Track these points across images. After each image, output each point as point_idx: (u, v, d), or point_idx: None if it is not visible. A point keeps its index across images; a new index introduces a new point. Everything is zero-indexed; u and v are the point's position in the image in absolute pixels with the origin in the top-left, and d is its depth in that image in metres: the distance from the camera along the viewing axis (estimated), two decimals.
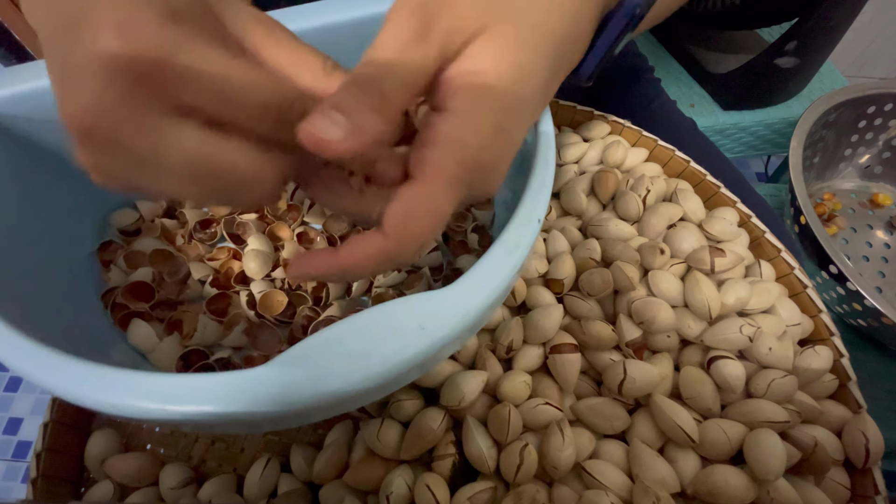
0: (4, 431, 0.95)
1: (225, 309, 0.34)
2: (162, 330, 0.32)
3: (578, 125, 0.44)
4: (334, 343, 0.18)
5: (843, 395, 0.31)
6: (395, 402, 0.29)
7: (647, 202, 0.37)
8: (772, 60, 0.63)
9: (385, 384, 0.19)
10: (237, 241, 0.36)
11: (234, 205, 0.32)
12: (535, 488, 0.26)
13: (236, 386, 0.17)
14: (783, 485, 0.26)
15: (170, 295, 0.33)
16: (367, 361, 0.18)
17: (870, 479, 0.28)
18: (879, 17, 1.04)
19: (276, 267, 0.35)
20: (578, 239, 0.37)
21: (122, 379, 0.17)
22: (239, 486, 0.29)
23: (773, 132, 0.74)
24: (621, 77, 0.55)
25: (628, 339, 0.31)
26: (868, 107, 0.63)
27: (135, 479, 0.29)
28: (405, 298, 0.19)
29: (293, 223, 0.37)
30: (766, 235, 0.36)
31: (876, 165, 0.68)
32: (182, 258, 0.35)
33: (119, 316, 0.31)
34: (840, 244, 0.65)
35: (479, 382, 0.29)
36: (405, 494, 0.26)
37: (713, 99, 0.72)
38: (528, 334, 0.31)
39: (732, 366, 0.30)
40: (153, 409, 0.17)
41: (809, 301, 0.34)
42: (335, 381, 0.17)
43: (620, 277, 0.32)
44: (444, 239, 0.37)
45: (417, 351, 0.18)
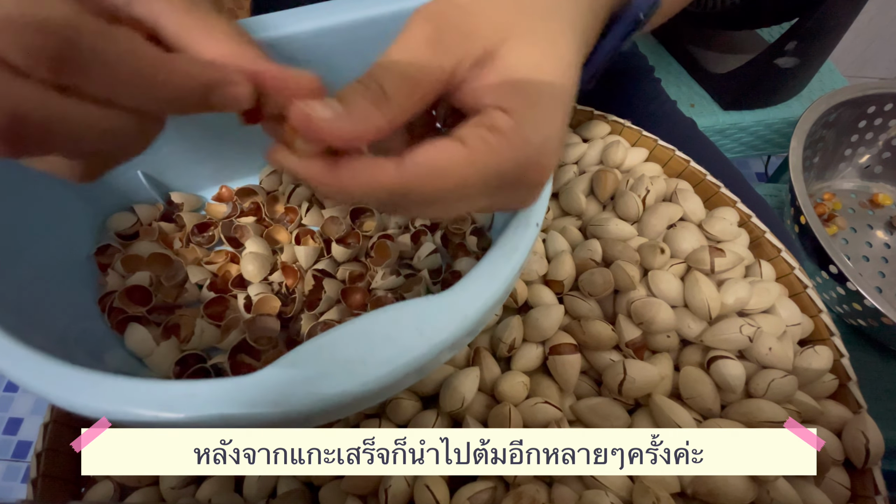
0: (4, 431, 0.95)
1: (222, 312, 0.34)
2: (159, 334, 0.32)
3: (578, 125, 0.44)
4: (331, 348, 0.18)
5: (843, 395, 0.31)
6: (393, 401, 0.29)
7: (647, 202, 0.37)
8: (772, 60, 0.63)
9: (383, 389, 0.18)
10: (235, 245, 0.36)
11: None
12: (535, 488, 0.26)
13: (232, 393, 0.17)
14: (783, 485, 0.26)
15: (167, 299, 0.33)
16: (365, 367, 0.18)
17: (870, 479, 0.28)
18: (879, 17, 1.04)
19: (275, 270, 0.35)
20: (578, 239, 0.37)
21: (117, 386, 0.17)
22: (238, 486, 0.29)
23: (773, 132, 0.74)
24: (621, 77, 0.55)
25: (628, 339, 0.31)
26: (868, 107, 0.63)
27: (135, 479, 0.29)
28: (403, 303, 0.19)
29: (291, 226, 0.37)
30: (766, 235, 0.36)
31: (876, 165, 0.68)
32: (180, 262, 0.35)
33: (116, 320, 0.31)
34: (840, 244, 0.65)
35: (475, 379, 0.29)
36: (404, 492, 0.26)
37: (713, 99, 0.72)
38: (528, 333, 0.31)
39: (732, 366, 0.29)
40: (148, 417, 0.17)
41: (809, 301, 0.34)
42: (332, 387, 0.17)
43: (621, 277, 0.32)
44: (442, 241, 0.37)
45: (415, 356, 0.18)
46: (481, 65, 0.19)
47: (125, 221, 0.35)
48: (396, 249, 0.35)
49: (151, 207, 0.36)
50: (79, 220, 0.33)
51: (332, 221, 0.37)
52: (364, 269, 0.36)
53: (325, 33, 0.28)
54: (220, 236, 0.36)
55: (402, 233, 0.37)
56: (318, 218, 0.38)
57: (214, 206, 0.39)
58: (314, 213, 0.38)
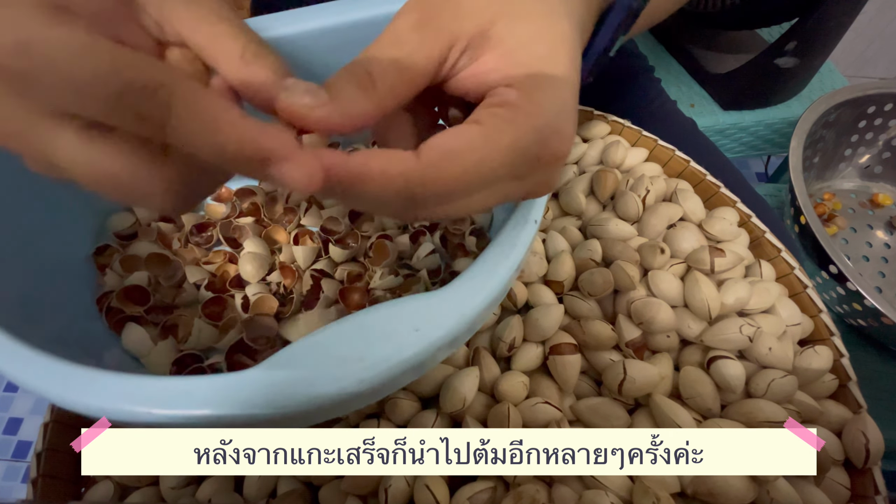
0: (4, 431, 0.95)
1: (220, 312, 0.34)
2: (157, 334, 0.32)
3: (578, 125, 0.44)
4: (326, 345, 0.18)
5: (843, 395, 0.31)
6: (393, 401, 0.29)
7: (647, 202, 0.37)
8: (772, 60, 0.63)
9: (380, 387, 0.18)
10: (233, 245, 0.36)
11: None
12: (535, 488, 0.26)
13: (227, 389, 0.17)
14: (783, 485, 0.26)
15: (165, 299, 0.33)
16: (361, 364, 0.18)
17: (870, 479, 0.28)
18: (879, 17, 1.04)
19: (273, 270, 0.35)
20: (578, 239, 0.37)
21: (112, 382, 0.17)
22: (238, 486, 0.29)
23: (773, 132, 0.74)
24: (621, 77, 0.55)
25: (628, 339, 0.31)
26: (868, 107, 0.63)
27: (135, 479, 0.29)
28: (399, 300, 0.19)
29: (290, 226, 0.37)
30: (766, 235, 0.36)
31: (876, 165, 0.68)
32: (178, 262, 0.35)
33: (114, 320, 0.31)
34: (840, 244, 0.65)
35: (474, 378, 0.29)
36: (404, 492, 0.26)
37: (713, 99, 0.72)
38: (528, 332, 0.31)
39: (732, 366, 0.29)
40: (142, 414, 0.17)
41: (809, 301, 0.34)
42: (328, 385, 0.17)
43: (622, 276, 0.32)
44: (441, 242, 0.37)
45: (412, 353, 0.18)
46: (476, 46, 0.19)
47: (124, 221, 0.35)
48: (395, 249, 0.35)
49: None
50: (78, 221, 0.33)
51: (331, 222, 0.37)
52: (362, 270, 0.36)
53: (325, 33, 0.28)
54: (219, 236, 0.36)
55: (400, 233, 0.37)
56: (316, 218, 0.38)
57: (213, 206, 0.39)
58: (313, 213, 0.38)
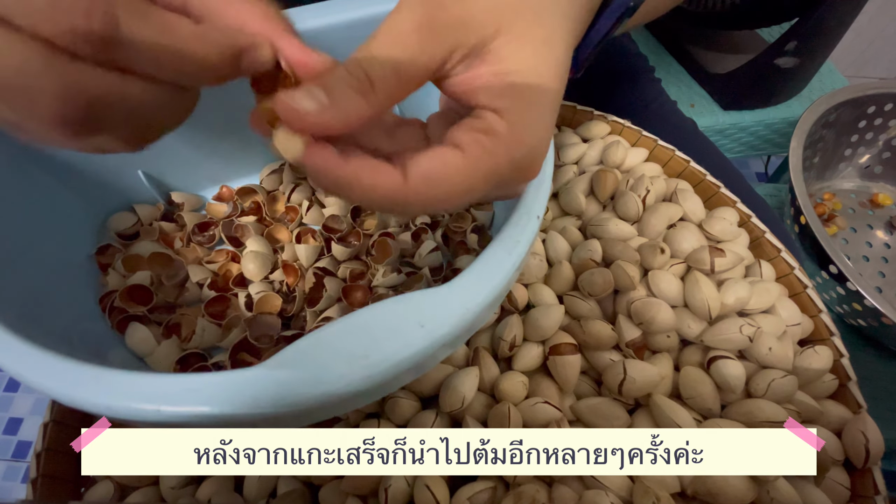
0: (4, 431, 0.95)
1: (223, 311, 0.34)
2: (160, 333, 0.32)
3: (578, 125, 0.44)
4: (332, 342, 0.18)
5: (843, 395, 0.31)
6: (393, 401, 0.29)
7: (647, 202, 0.37)
8: (772, 60, 0.63)
9: (384, 383, 0.18)
10: (236, 244, 0.36)
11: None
12: (535, 488, 0.26)
13: (233, 386, 0.17)
14: (783, 485, 0.26)
15: (168, 298, 0.33)
16: (367, 360, 0.17)
17: (870, 479, 0.28)
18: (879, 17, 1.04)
19: (276, 269, 0.35)
20: (578, 239, 0.37)
21: (117, 380, 0.17)
22: (238, 486, 0.29)
23: (773, 132, 0.74)
24: (621, 77, 0.55)
25: (628, 339, 0.31)
26: (868, 107, 0.63)
27: (135, 479, 0.29)
28: (403, 296, 0.19)
29: (291, 224, 0.37)
30: (766, 235, 0.36)
31: (876, 165, 0.68)
32: (180, 261, 0.35)
33: (117, 320, 0.31)
34: (840, 244, 0.65)
35: (474, 378, 0.29)
36: (404, 492, 0.26)
37: (713, 99, 0.72)
38: (528, 332, 0.31)
39: (732, 366, 0.29)
40: (149, 411, 0.17)
41: (809, 301, 0.34)
42: (334, 381, 0.17)
43: (622, 276, 0.32)
44: (443, 239, 0.37)
45: (417, 349, 0.18)
46: (473, 56, 0.19)
47: (126, 221, 0.35)
48: (397, 247, 0.35)
49: (152, 207, 0.36)
50: (79, 221, 0.33)
51: (333, 220, 0.37)
52: (365, 268, 0.36)
53: (325, 32, 0.28)
54: (221, 236, 0.36)
55: (402, 231, 0.37)
56: (318, 217, 0.38)
57: (215, 205, 0.39)
58: (315, 211, 0.38)
